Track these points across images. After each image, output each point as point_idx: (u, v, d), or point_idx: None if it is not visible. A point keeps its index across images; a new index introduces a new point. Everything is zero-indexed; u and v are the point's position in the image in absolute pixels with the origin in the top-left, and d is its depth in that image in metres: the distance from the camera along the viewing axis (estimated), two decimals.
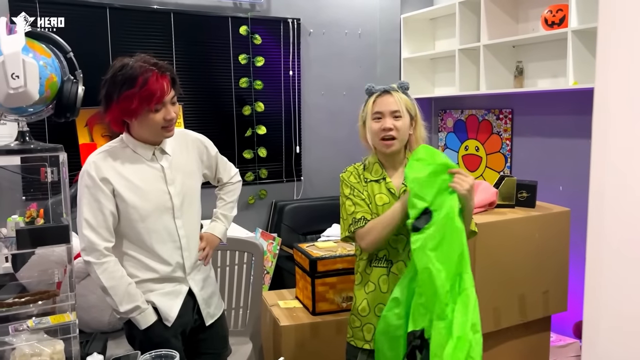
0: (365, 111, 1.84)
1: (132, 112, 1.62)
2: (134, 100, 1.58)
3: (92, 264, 1.65)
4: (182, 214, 1.79)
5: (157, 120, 1.66)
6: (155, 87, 1.60)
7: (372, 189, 1.82)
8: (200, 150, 1.91)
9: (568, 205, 2.49)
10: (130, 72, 1.60)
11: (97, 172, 1.66)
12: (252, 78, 3.77)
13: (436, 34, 4.10)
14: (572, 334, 2.95)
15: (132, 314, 1.70)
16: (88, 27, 3.26)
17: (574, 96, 3.07)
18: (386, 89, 1.83)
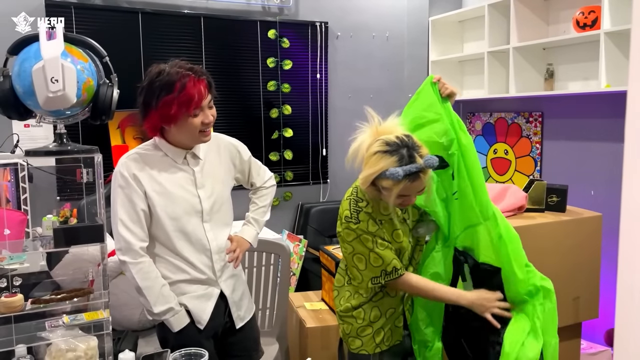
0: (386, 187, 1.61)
1: (171, 118, 1.63)
2: (173, 105, 1.59)
3: (128, 264, 1.68)
4: (211, 218, 1.80)
5: (196, 124, 1.66)
6: (193, 91, 1.61)
7: (387, 228, 1.71)
8: (232, 155, 1.92)
9: (600, 210, 2.44)
10: (168, 77, 1.61)
11: (129, 173, 1.69)
12: (279, 81, 3.81)
13: (465, 36, 4.07)
14: (603, 341, 2.88)
15: (165, 316, 1.72)
16: (121, 32, 3.34)
17: (606, 99, 3.01)
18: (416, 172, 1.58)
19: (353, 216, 1.70)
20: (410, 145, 1.60)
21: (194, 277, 1.78)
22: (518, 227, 2.18)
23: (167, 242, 1.75)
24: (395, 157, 1.58)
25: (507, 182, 3.72)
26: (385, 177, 1.57)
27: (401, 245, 1.74)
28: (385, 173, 1.57)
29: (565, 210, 2.40)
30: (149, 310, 1.72)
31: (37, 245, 1.70)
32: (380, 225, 1.70)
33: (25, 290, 1.54)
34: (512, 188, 2.39)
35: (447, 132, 1.75)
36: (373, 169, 1.61)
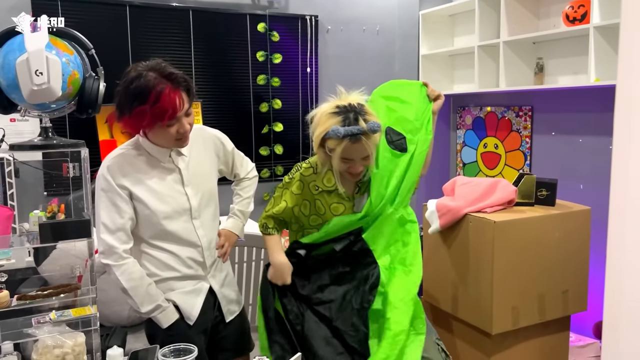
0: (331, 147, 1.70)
1: (144, 127, 1.60)
2: (145, 116, 1.55)
3: (111, 266, 1.66)
4: (200, 214, 1.79)
5: (171, 133, 1.63)
6: (167, 104, 1.55)
7: (325, 200, 1.82)
8: (216, 147, 1.90)
9: (588, 203, 2.46)
10: (143, 85, 1.54)
11: (113, 176, 1.65)
12: (269, 75, 3.78)
13: (455, 31, 4.07)
14: (592, 334, 2.91)
15: (153, 314, 1.71)
16: (108, 25, 3.29)
17: (595, 93, 3.03)
18: (355, 133, 1.65)
19: (294, 171, 1.90)
20: (358, 110, 1.69)
21: (184, 273, 1.77)
22: (508, 221, 2.19)
23: (156, 241, 1.74)
24: (340, 117, 1.68)
25: (497, 176, 3.73)
26: (329, 136, 1.68)
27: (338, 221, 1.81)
28: (330, 131, 1.67)
29: (555, 204, 2.41)
30: (137, 310, 1.71)
31: (24, 240, 1.68)
32: (312, 192, 1.83)
33: (12, 287, 1.52)
34: (502, 182, 2.39)
35: (418, 117, 1.90)
36: (320, 128, 1.73)
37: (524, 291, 2.25)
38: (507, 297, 2.21)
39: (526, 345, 2.33)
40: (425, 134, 1.89)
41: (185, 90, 1.62)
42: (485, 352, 2.27)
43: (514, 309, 2.24)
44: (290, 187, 1.87)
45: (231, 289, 1.94)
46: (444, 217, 2.33)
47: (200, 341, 1.78)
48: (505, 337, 2.26)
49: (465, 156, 4.07)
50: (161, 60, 1.62)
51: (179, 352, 1.53)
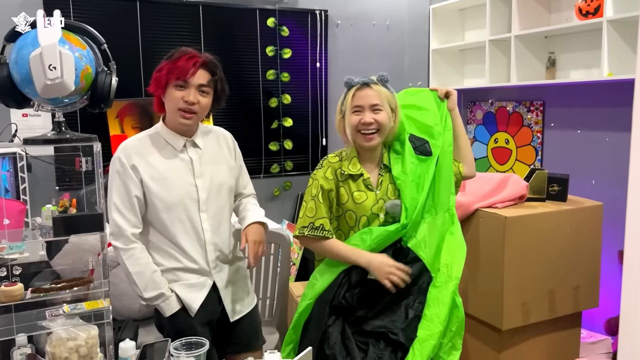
0: (345, 104, 1.82)
1: (159, 81, 1.70)
2: (163, 69, 1.69)
3: (119, 249, 1.71)
4: (208, 207, 1.80)
5: (176, 97, 1.70)
6: (182, 63, 1.68)
7: (349, 187, 1.82)
8: (230, 149, 1.93)
9: (601, 199, 2.44)
10: (175, 51, 1.74)
11: (127, 159, 1.72)
12: (279, 70, 3.78)
13: (466, 25, 4.04)
14: (603, 330, 2.89)
15: (156, 301, 1.73)
16: (119, 21, 3.31)
17: (608, 88, 3.00)
18: (366, 81, 1.81)
19: (320, 164, 1.89)
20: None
21: (187, 266, 1.79)
22: (519, 217, 2.18)
23: (161, 230, 1.77)
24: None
25: (507, 171, 3.71)
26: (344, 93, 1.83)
27: (358, 207, 1.80)
28: (344, 83, 1.84)
29: (566, 199, 2.40)
30: (140, 295, 1.74)
31: (37, 234, 1.69)
32: (339, 179, 1.83)
33: (25, 280, 1.54)
34: (513, 177, 2.38)
35: (437, 121, 1.93)
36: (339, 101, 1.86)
37: (534, 287, 2.24)
38: (518, 293, 2.20)
39: (536, 341, 2.32)
40: (445, 132, 1.90)
41: (210, 70, 1.75)
42: (495, 347, 2.26)
43: (524, 305, 2.23)
44: (319, 174, 1.84)
45: (239, 288, 1.91)
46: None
47: (204, 332, 1.79)
48: (516, 332, 2.25)
49: (475, 151, 4.05)
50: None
51: (191, 346, 1.54)
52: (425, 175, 1.84)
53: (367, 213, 1.82)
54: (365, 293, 1.78)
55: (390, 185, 1.87)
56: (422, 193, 1.81)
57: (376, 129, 1.79)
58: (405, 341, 1.70)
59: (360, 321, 1.77)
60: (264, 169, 3.82)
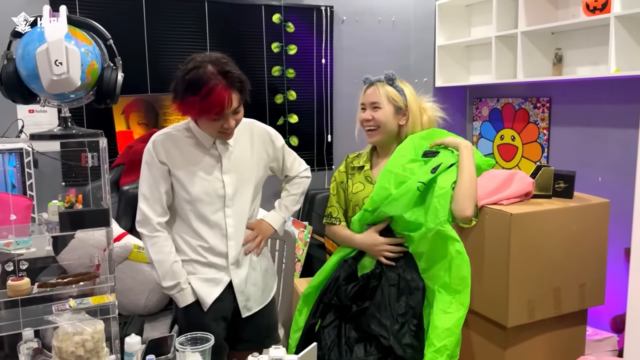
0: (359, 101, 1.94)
1: (192, 114, 1.70)
2: (194, 107, 1.63)
3: (144, 236, 1.77)
4: (234, 203, 1.81)
5: (215, 127, 1.69)
6: (217, 101, 1.60)
7: (354, 178, 1.93)
8: (265, 142, 1.92)
9: (607, 196, 2.43)
10: (198, 77, 1.59)
11: (157, 152, 1.74)
12: (284, 66, 3.78)
13: (472, 21, 4.02)
14: (609, 328, 2.88)
15: (172, 291, 1.77)
16: (124, 17, 3.31)
17: (615, 84, 2.98)
18: (371, 80, 1.90)
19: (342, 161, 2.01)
20: None
21: (208, 260, 1.81)
22: (525, 213, 2.17)
23: (186, 221, 1.80)
24: None
25: (513, 168, 3.70)
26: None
27: (354, 197, 1.87)
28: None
29: (573, 196, 2.39)
30: (158, 282, 1.79)
31: (43, 229, 1.70)
32: (350, 171, 1.95)
33: (32, 275, 1.55)
34: (519, 174, 2.37)
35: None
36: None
37: (540, 284, 2.23)
38: (523, 290, 2.19)
39: (542, 338, 2.32)
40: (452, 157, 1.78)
41: (238, 90, 1.66)
42: (501, 345, 2.26)
43: (529, 302, 2.22)
44: (337, 170, 2.00)
45: (255, 287, 1.91)
46: None
47: (218, 328, 1.80)
48: (521, 330, 2.25)
49: (481, 148, 4.03)
50: (223, 56, 1.68)
51: (196, 341, 1.54)
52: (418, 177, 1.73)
53: (359, 204, 1.85)
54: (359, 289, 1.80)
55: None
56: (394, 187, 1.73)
57: (375, 126, 1.84)
58: (397, 347, 1.68)
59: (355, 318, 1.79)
60: None
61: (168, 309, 2.63)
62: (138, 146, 2.68)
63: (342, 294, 1.80)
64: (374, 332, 1.72)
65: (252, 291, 1.90)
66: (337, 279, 1.83)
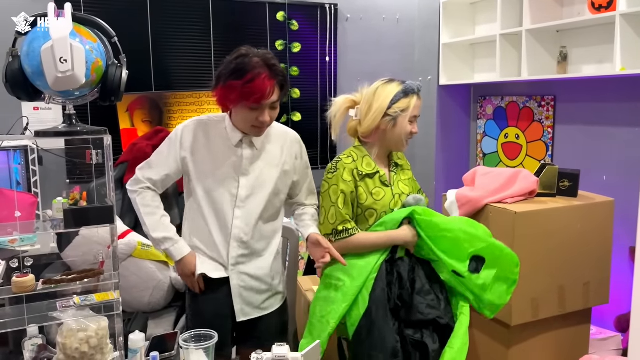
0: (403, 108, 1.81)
1: (230, 101, 1.70)
2: (235, 91, 1.65)
3: (132, 192, 1.81)
4: (245, 205, 1.81)
5: (250, 118, 1.71)
6: (259, 88, 1.63)
7: (367, 185, 1.84)
8: (297, 152, 1.93)
9: (612, 195, 2.42)
10: (244, 64, 1.64)
11: (183, 137, 1.79)
12: (288, 64, 3.78)
13: (476, 19, 4.01)
14: (613, 327, 2.87)
15: (165, 244, 1.79)
16: (129, 15, 3.32)
17: (620, 82, 2.96)
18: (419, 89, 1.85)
19: (333, 167, 1.85)
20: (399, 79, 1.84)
21: (208, 253, 1.84)
22: (529, 212, 2.17)
23: (199, 209, 1.83)
24: (396, 83, 1.82)
25: (518, 166, 3.69)
26: (400, 97, 1.78)
27: (378, 204, 1.82)
28: (399, 92, 1.79)
29: (577, 195, 2.38)
30: (149, 235, 1.80)
31: (48, 226, 1.70)
32: (358, 179, 1.81)
33: (37, 272, 1.55)
34: (524, 173, 2.36)
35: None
36: (384, 95, 1.80)
37: (544, 283, 2.23)
38: (527, 289, 2.19)
39: (546, 337, 2.31)
40: None
41: (280, 84, 1.70)
42: (504, 343, 2.26)
43: (533, 301, 2.22)
44: (338, 179, 1.81)
45: (255, 291, 1.87)
46: (464, 207, 2.31)
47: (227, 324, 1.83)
48: (525, 328, 2.24)
49: (485, 146, 4.03)
50: (269, 52, 1.72)
51: (200, 338, 1.55)
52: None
53: (386, 209, 1.84)
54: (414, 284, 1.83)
55: (400, 182, 1.93)
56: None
57: None
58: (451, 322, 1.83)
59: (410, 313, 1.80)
60: None
61: (172, 307, 2.63)
62: (142, 144, 2.68)
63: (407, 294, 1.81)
64: (429, 317, 1.76)
65: (251, 296, 1.86)
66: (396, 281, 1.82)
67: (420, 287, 1.81)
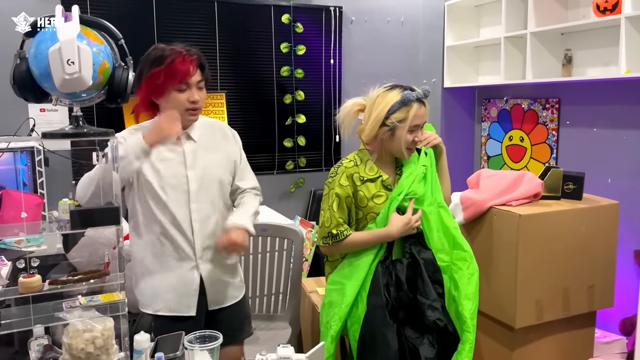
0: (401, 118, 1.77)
1: (158, 89, 1.73)
2: (160, 76, 1.71)
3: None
4: (198, 198, 1.83)
5: (181, 100, 1.75)
6: (180, 66, 1.72)
7: (369, 189, 1.83)
8: (227, 137, 1.96)
9: (617, 198, 2.42)
10: (160, 52, 1.74)
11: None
12: (293, 66, 3.78)
13: (481, 21, 4.01)
14: (618, 330, 2.86)
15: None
16: (134, 17, 3.33)
17: (625, 85, 2.96)
18: (426, 94, 1.80)
19: (334, 171, 1.86)
20: (405, 85, 1.80)
21: (176, 254, 1.83)
22: (533, 215, 2.17)
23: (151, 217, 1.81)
24: (398, 90, 1.78)
25: (522, 169, 3.68)
26: (398, 107, 1.74)
27: (378, 207, 1.82)
28: (396, 103, 1.74)
29: (582, 198, 2.38)
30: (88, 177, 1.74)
31: (54, 227, 1.71)
32: (358, 183, 1.81)
33: (43, 272, 1.55)
34: (528, 175, 2.36)
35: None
36: (382, 105, 1.78)
37: (548, 285, 2.23)
38: (532, 291, 2.19)
39: (550, 340, 2.31)
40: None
41: (199, 64, 1.78)
42: (508, 346, 2.26)
43: (538, 303, 2.22)
44: (335, 183, 1.83)
45: (224, 280, 1.92)
46: (468, 209, 2.31)
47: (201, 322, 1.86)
48: (529, 331, 2.24)
49: (490, 149, 4.02)
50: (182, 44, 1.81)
51: (205, 339, 1.55)
52: (429, 167, 1.91)
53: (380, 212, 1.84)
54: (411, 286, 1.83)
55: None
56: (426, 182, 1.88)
57: None
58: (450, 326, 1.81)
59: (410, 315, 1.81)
60: (278, 165, 3.82)
61: None
62: None
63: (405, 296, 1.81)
64: (430, 319, 1.76)
65: (221, 285, 1.92)
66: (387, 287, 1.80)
67: (422, 287, 1.80)
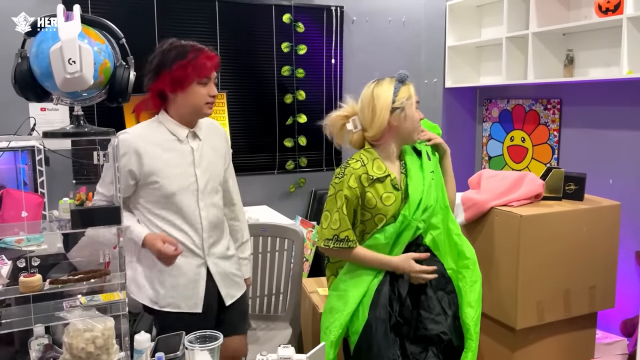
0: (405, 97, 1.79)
1: (181, 82, 1.75)
2: (187, 68, 1.72)
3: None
4: (205, 195, 1.87)
5: (203, 93, 1.78)
6: (206, 60, 1.77)
7: (377, 190, 1.79)
8: (223, 138, 2.01)
9: (618, 199, 2.41)
10: (182, 47, 1.77)
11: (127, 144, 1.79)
12: (294, 66, 3.78)
13: (482, 22, 4.01)
14: (619, 331, 2.86)
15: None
16: (136, 17, 3.33)
17: (627, 86, 2.96)
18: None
19: (340, 172, 1.82)
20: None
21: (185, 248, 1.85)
22: (534, 215, 2.16)
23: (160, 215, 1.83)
24: (387, 78, 1.82)
25: (523, 170, 3.68)
26: (399, 88, 1.78)
27: (388, 209, 1.78)
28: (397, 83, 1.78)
29: (583, 198, 2.37)
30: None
31: (54, 227, 1.71)
32: (366, 184, 1.78)
33: (43, 272, 1.55)
34: (529, 176, 2.36)
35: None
36: (383, 93, 1.78)
37: (549, 286, 2.22)
38: (533, 292, 2.18)
39: (551, 340, 2.31)
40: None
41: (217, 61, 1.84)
42: (509, 347, 2.25)
43: (539, 304, 2.21)
44: (343, 184, 1.78)
45: (232, 272, 1.98)
46: (469, 210, 2.31)
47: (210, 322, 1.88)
48: (530, 332, 2.24)
49: (491, 149, 4.02)
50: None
51: (205, 340, 1.55)
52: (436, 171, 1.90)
53: (395, 213, 1.79)
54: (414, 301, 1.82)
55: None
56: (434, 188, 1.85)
57: None
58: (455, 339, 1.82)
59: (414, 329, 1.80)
60: (278, 165, 3.82)
61: None
62: None
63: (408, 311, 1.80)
64: (433, 333, 1.75)
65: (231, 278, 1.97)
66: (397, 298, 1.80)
67: (426, 301, 1.79)
